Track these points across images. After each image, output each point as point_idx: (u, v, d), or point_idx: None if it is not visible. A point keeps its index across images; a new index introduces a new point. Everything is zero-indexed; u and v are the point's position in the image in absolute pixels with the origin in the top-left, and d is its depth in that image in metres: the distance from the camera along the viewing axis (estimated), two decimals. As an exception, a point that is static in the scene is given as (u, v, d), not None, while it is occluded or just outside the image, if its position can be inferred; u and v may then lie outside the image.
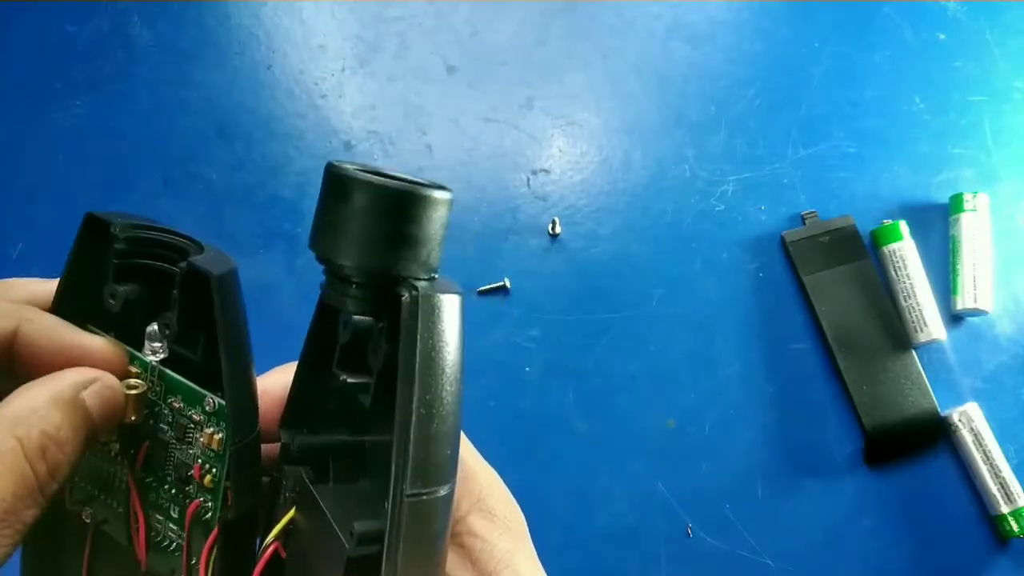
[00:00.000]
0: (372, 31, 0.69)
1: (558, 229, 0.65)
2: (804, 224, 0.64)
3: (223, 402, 0.25)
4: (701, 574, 0.60)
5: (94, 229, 0.25)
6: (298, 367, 0.26)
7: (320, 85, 0.68)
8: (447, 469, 0.21)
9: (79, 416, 0.20)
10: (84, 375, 0.21)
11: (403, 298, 0.21)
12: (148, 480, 0.27)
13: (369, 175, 0.21)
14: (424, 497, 0.21)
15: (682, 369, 0.63)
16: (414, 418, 0.21)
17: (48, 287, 0.24)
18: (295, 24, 0.70)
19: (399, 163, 0.67)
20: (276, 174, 0.67)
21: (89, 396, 0.21)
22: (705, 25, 0.70)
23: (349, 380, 0.23)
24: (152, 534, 0.26)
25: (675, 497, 0.61)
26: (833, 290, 0.63)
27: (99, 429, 0.21)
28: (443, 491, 0.21)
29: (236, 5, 0.70)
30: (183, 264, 0.24)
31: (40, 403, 0.20)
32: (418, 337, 0.21)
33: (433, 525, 0.21)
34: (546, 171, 0.67)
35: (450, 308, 0.21)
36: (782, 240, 0.64)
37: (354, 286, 0.22)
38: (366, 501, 0.24)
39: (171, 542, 0.26)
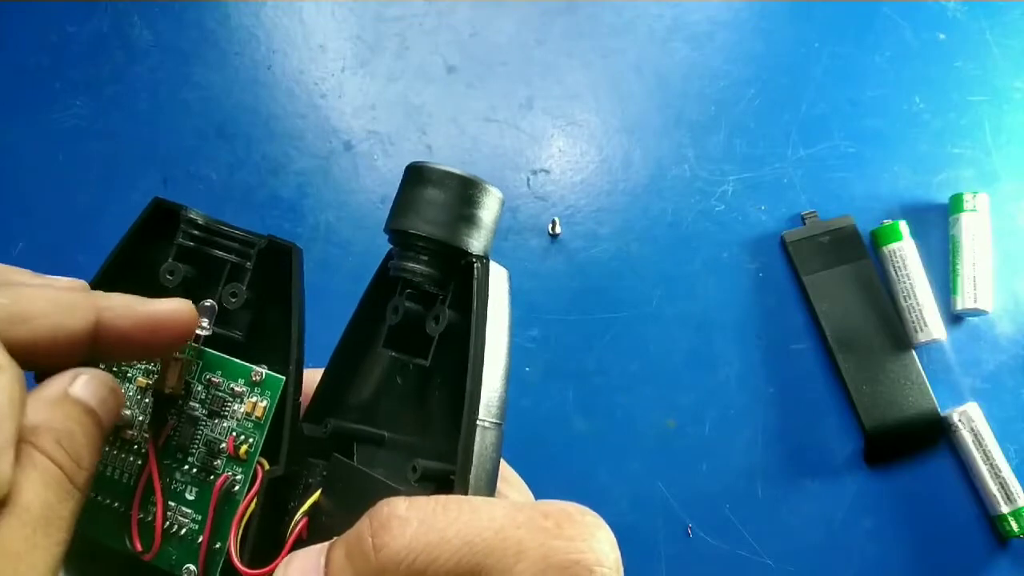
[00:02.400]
0: (372, 31, 0.69)
1: (558, 229, 0.65)
2: (804, 224, 0.64)
3: (271, 373, 0.27)
4: (701, 574, 0.60)
5: (159, 214, 0.28)
6: (337, 352, 0.29)
7: (320, 85, 0.68)
8: (503, 410, 0.25)
9: (75, 408, 0.22)
10: (65, 376, 0.22)
11: (475, 264, 0.26)
12: (165, 462, 0.27)
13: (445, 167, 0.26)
14: (488, 425, 0.24)
15: (682, 369, 0.63)
16: (486, 358, 0.24)
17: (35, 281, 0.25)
18: (295, 24, 0.70)
19: (399, 163, 0.67)
20: (276, 174, 0.67)
21: (78, 390, 0.22)
22: (705, 25, 0.70)
23: (397, 356, 0.27)
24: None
25: (675, 497, 0.61)
26: (833, 290, 0.63)
27: (103, 416, 0.23)
28: (501, 428, 0.25)
29: (236, 5, 0.70)
30: (263, 239, 0.28)
31: (37, 409, 0.21)
32: (489, 294, 0.25)
33: (495, 454, 0.25)
34: (546, 171, 0.67)
35: (505, 277, 0.26)
36: (782, 240, 0.64)
37: (425, 257, 0.26)
38: (394, 474, 0.26)
39: (181, 527, 0.27)
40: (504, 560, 0.20)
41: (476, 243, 0.26)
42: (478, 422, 0.24)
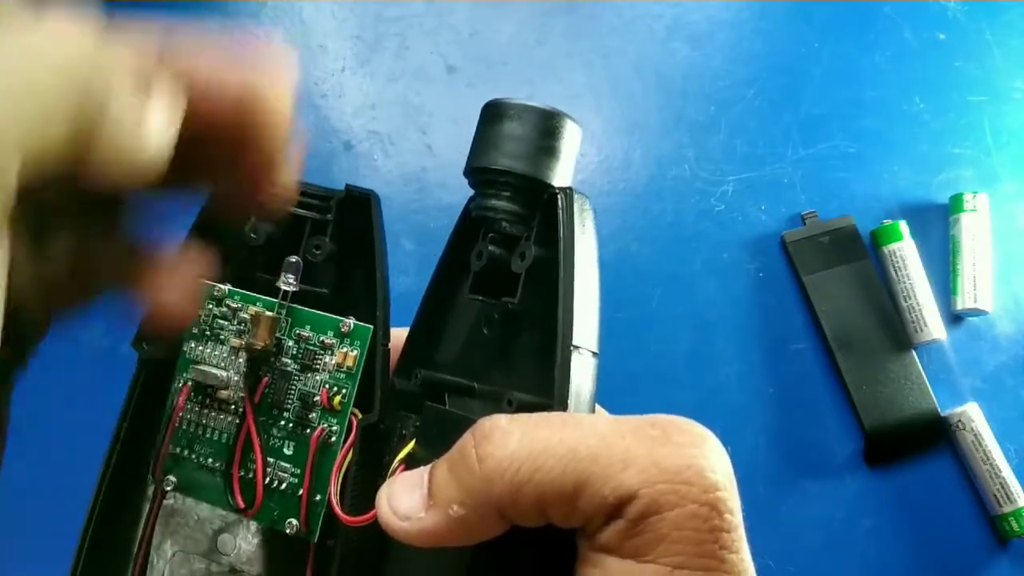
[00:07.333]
0: (372, 31, 0.69)
1: (558, 229, 0.65)
2: (804, 224, 0.64)
3: (359, 323, 0.27)
4: (701, 574, 0.60)
5: None
6: (422, 305, 0.29)
7: (320, 85, 0.68)
8: (598, 339, 0.25)
9: None
10: None
11: (559, 195, 0.25)
12: (261, 419, 0.28)
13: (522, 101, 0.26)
14: (585, 353, 0.24)
15: (682, 369, 0.63)
16: (576, 286, 0.24)
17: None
18: (295, 24, 0.70)
19: (399, 163, 0.67)
20: (276, 174, 0.67)
21: None
22: (705, 25, 0.70)
23: (484, 301, 0.27)
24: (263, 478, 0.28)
25: (675, 497, 0.61)
26: (833, 290, 0.63)
27: None
28: (597, 359, 0.25)
29: (236, 5, 0.70)
30: (341, 191, 0.28)
31: None
32: (575, 223, 0.25)
33: (592, 385, 0.24)
34: (546, 171, 0.67)
35: (591, 208, 0.26)
36: (782, 240, 0.64)
37: (508, 193, 0.26)
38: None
39: (281, 482, 0.27)
40: (611, 467, 0.20)
41: (558, 175, 0.26)
42: (573, 347, 0.24)
